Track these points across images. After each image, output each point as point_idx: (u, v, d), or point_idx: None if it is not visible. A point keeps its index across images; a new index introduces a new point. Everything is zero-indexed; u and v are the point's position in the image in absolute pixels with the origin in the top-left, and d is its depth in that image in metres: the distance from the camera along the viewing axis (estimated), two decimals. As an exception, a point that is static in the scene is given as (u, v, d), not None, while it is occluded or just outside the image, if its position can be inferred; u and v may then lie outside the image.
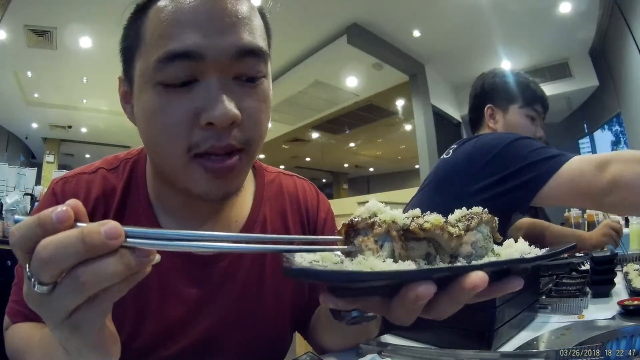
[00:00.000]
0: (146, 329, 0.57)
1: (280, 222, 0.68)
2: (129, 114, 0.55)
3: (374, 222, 0.33)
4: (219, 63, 0.46)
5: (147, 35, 0.47)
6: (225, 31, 0.46)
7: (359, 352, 0.63)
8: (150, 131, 0.49)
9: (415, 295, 0.28)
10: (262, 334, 0.64)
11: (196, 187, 0.49)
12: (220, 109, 0.45)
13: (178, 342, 0.58)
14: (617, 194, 0.76)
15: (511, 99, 1.17)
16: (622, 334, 0.60)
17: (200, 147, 0.47)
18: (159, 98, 0.46)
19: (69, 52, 4.76)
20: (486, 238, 0.35)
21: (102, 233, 0.27)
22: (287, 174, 0.74)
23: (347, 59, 5.08)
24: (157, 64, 0.45)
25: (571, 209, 2.17)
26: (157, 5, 0.47)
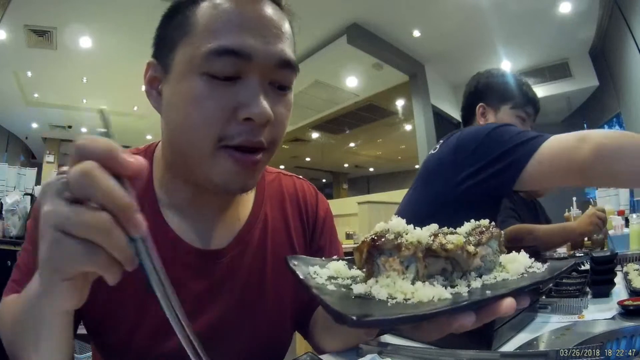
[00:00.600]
0: (147, 322, 0.57)
1: (281, 220, 0.69)
2: (153, 99, 0.56)
3: (400, 244, 0.33)
4: (262, 66, 0.50)
5: (198, 27, 0.50)
6: (271, 41, 0.50)
7: (359, 352, 0.63)
8: (187, 117, 0.50)
9: (459, 325, 0.31)
10: (263, 331, 0.64)
11: (220, 176, 0.51)
12: (260, 107, 0.48)
13: (177, 339, 0.58)
14: (601, 163, 0.75)
15: (503, 99, 1.20)
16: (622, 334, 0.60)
17: (234, 140, 0.49)
18: (203, 86, 0.49)
19: (69, 52, 4.76)
20: (495, 252, 0.38)
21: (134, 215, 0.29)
22: (287, 174, 0.75)
23: (347, 59, 5.09)
24: (208, 55, 0.48)
25: (571, 209, 2.17)
26: (207, 2, 0.50)
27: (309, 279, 0.35)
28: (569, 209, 2.21)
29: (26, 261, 0.56)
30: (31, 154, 8.64)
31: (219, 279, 0.61)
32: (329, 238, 0.74)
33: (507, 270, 0.37)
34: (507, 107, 1.20)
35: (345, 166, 11.18)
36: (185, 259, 0.59)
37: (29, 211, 2.71)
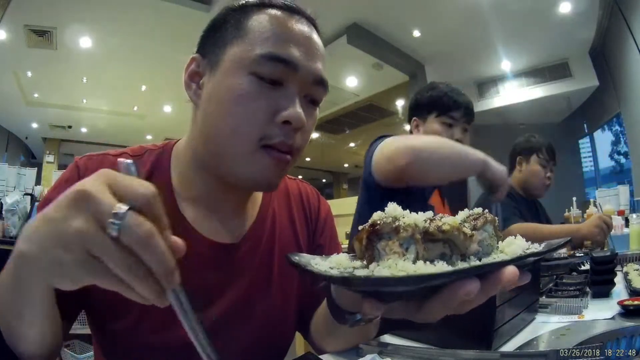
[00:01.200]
0: (155, 312, 0.57)
1: (288, 218, 0.72)
2: (192, 92, 0.59)
3: (398, 227, 0.33)
4: (303, 78, 0.55)
5: (252, 32, 0.55)
6: (314, 59, 0.57)
7: (359, 352, 0.63)
8: (231, 111, 0.54)
9: (466, 292, 0.31)
10: (267, 326, 0.65)
11: (255, 171, 0.55)
12: (298, 112, 0.54)
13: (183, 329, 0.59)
14: (412, 173, 0.97)
15: (429, 110, 1.34)
16: (622, 334, 0.60)
17: (272, 140, 0.54)
18: (249, 85, 0.53)
19: (69, 52, 4.76)
20: (491, 236, 0.38)
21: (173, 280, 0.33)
22: (291, 178, 0.79)
23: (347, 59, 5.08)
24: (260, 57, 0.53)
25: (571, 209, 2.18)
26: (267, 12, 0.56)
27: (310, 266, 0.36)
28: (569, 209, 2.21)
29: None
30: (31, 154, 8.64)
31: (229, 272, 0.62)
32: (330, 237, 0.77)
33: (506, 253, 0.38)
34: (432, 117, 1.33)
35: (345, 166, 11.18)
36: (198, 250, 0.60)
37: (29, 211, 2.71)
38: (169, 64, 4.43)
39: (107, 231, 0.30)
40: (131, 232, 0.30)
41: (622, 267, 1.14)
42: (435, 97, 1.33)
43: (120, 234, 0.30)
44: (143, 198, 0.31)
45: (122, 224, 0.30)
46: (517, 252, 0.38)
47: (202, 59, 0.58)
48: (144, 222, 0.30)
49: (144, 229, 0.30)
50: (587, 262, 1.18)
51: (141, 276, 0.31)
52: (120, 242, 0.30)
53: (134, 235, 0.30)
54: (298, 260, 0.38)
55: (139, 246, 0.30)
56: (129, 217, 0.30)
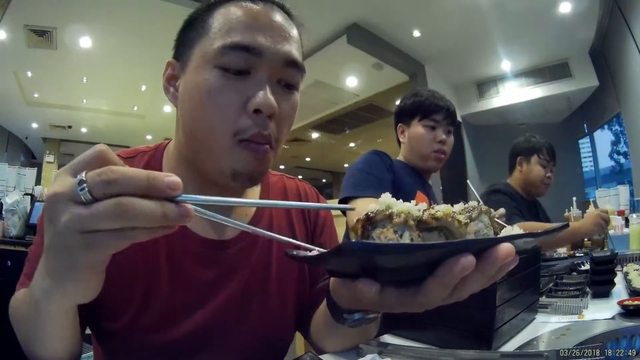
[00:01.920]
0: (152, 311, 0.58)
1: (285, 217, 0.72)
2: (171, 95, 0.60)
3: (391, 214, 0.34)
4: (270, 63, 0.54)
5: (214, 27, 0.55)
6: (279, 41, 0.55)
7: (359, 352, 0.63)
8: (202, 108, 0.54)
9: (461, 267, 0.30)
10: (266, 325, 0.65)
11: (235, 166, 0.55)
12: (267, 98, 0.53)
13: (182, 327, 0.59)
14: None
15: (412, 115, 1.42)
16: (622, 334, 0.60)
17: (247, 133, 0.53)
18: (215, 79, 0.53)
19: (69, 52, 4.75)
20: (487, 227, 0.38)
21: (164, 181, 0.31)
22: (290, 177, 0.79)
23: (347, 59, 5.08)
24: (222, 49, 0.53)
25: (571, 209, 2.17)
26: (225, 8, 0.56)
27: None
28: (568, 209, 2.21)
29: (36, 256, 0.57)
30: (31, 154, 8.63)
31: (225, 270, 0.62)
32: (329, 237, 0.77)
33: None
34: (415, 121, 1.41)
35: (345, 166, 11.15)
36: (192, 248, 0.60)
37: (29, 211, 2.71)
38: (169, 64, 4.41)
39: (81, 199, 0.31)
40: (97, 180, 0.30)
41: (622, 267, 1.14)
42: (418, 102, 1.41)
43: (91, 192, 0.30)
44: (93, 157, 0.33)
45: (87, 184, 0.30)
46: None
47: (176, 62, 0.60)
48: (103, 169, 0.31)
49: (105, 171, 0.31)
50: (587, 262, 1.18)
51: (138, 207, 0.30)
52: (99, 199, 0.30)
53: (101, 179, 0.30)
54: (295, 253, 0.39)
55: (112, 183, 0.30)
56: (89, 175, 0.31)
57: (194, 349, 0.60)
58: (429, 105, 1.38)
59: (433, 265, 0.32)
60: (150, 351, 0.58)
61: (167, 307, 0.59)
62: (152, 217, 0.30)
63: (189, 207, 0.32)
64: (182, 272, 0.60)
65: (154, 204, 0.30)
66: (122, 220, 0.30)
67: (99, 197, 0.30)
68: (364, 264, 0.33)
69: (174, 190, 0.31)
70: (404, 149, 1.47)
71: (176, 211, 0.31)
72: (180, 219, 0.31)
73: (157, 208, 0.30)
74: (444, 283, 0.32)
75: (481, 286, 0.35)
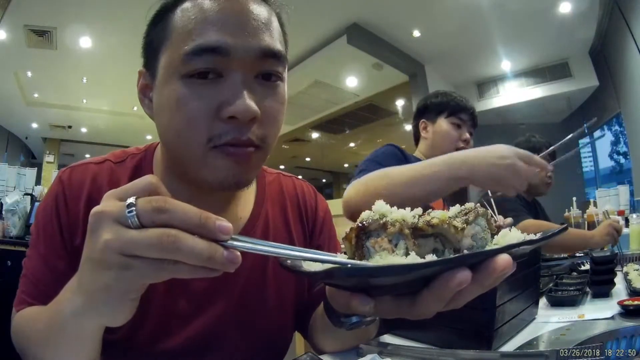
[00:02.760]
0: (150, 320, 0.57)
1: (282, 219, 0.70)
2: (146, 106, 0.57)
3: (386, 223, 0.33)
4: (243, 61, 0.48)
5: (175, 31, 0.50)
6: (250, 33, 0.49)
7: (359, 352, 0.63)
8: (172, 120, 0.50)
9: (457, 282, 0.30)
10: (264, 329, 0.64)
11: (215, 174, 0.50)
12: (242, 104, 0.47)
13: (180, 335, 0.59)
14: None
15: (439, 111, 1.44)
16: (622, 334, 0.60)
17: (222, 139, 0.48)
18: (184, 89, 0.48)
19: (69, 52, 4.75)
20: (484, 230, 0.37)
21: (216, 224, 0.30)
22: (287, 175, 0.76)
23: (347, 59, 5.08)
24: (185, 56, 0.47)
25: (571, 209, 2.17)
26: (185, 5, 0.50)
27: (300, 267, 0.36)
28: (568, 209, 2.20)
29: (33, 270, 0.56)
30: (31, 154, 8.64)
31: (222, 278, 0.61)
32: (328, 237, 0.75)
33: (501, 245, 0.36)
34: (442, 117, 1.42)
35: (345, 166, 11.17)
36: None
37: (29, 211, 2.71)
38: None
39: (128, 223, 0.31)
40: (148, 207, 0.30)
41: (622, 267, 1.14)
42: (447, 100, 1.43)
43: (139, 217, 0.30)
44: (144, 186, 0.33)
45: (137, 208, 0.30)
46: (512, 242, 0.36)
47: (146, 72, 0.56)
48: (155, 197, 0.31)
49: (157, 199, 0.31)
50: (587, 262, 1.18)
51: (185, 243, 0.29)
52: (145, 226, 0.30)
53: (152, 206, 0.30)
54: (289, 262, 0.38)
55: (163, 213, 0.30)
56: (140, 201, 0.31)
57: (193, 357, 0.59)
58: (457, 104, 1.41)
59: (428, 278, 0.32)
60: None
61: (165, 316, 0.58)
62: (198, 256, 0.30)
63: (237, 254, 0.31)
64: (179, 281, 0.58)
65: (202, 243, 0.30)
66: (166, 252, 0.30)
67: (147, 224, 0.30)
68: (356, 284, 0.33)
69: (225, 234, 0.30)
70: (424, 144, 1.48)
71: (225, 255, 0.30)
72: (227, 264, 0.31)
73: (205, 248, 0.30)
74: (439, 296, 0.32)
75: (477, 294, 0.34)
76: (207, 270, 0.31)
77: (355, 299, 0.33)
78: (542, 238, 0.36)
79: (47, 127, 7.33)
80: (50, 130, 7.52)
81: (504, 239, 0.37)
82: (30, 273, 0.56)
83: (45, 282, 0.54)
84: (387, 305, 0.35)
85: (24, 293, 0.56)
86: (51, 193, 0.59)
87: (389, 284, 0.32)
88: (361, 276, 0.30)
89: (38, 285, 0.55)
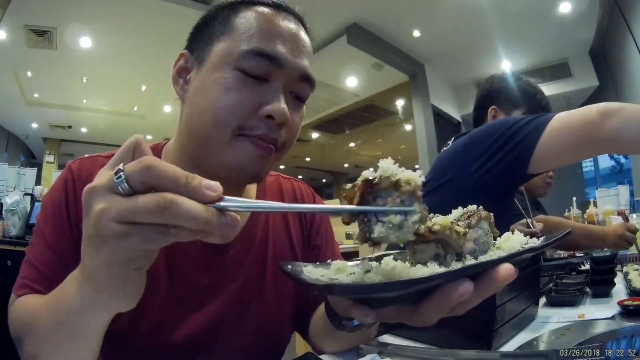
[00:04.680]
0: (150, 314, 0.58)
1: (281, 219, 0.72)
2: (179, 86, 0.60)
3: (399, 181, 0.30)
4: (288, 75, 0.55)
5: (239, 28, 0.55)
6: (299, 55, 0.57)
7: (359, 352, 0.63)
8: (215, 102, 0.53)
9: (459, 294, 0.30)
10: (262, 326, 0.65)
11: (239, 157, 0.54)
12: (281, 107, 0.54)
13: (180, 330, 0.59)
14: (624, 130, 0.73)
15: (516, 104, 1.22)
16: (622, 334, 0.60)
17: (253, 131, 0.54)
18: (235, 79, 0.53)
19: (69, 52, 4.75)
20: (487, 234, 0.37)
21: (202, 183, 0.30)
22: (285, 177, 0.79)
23: (347, 59, 5.08)
24: (246, 53, 0.53)
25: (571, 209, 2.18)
26: (255, 9, 0.57)
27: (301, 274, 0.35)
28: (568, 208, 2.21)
29: (37, 255, 0.56)
30: (31, 154, 8.63)
31: (223, 273, 0.62)
32: (326, 237, 0.76)
33: (503, 249, 0.36)
34: (519, 113, 1.20)
35: (345, 166, 11.17)
36: (191, 252, 0.60)
37: (29, 211, 2.71)
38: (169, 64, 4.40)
39: (118, 189, 0.30)
40: (134, 169, 0.30)
41: (622, 267, 1.14)
42: (528, 94, 1.22)
43: (128, 179, 0.30)
44: (128, 147, 0.33)
45: (125, 172, 0.30)
46: (515, 247, 0.36)
47: (190, 55, 0.59)
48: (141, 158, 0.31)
49: (142, 159, 0.30)
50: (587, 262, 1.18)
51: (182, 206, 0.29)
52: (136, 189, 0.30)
53: (139, 167, 0.30)
54: (290, 267, 0.37)
55: (149, 171, 0.30)
56: (127, 166, 0.30)
57: (192, 351, 0.60)
58: (539, 102, 1.22)
59: (430, 289, 0.31)
60: (150, 353, 0.58)
61: (165, 310, 0.58)
62: (195, 218, 0.29)
63: (236, 218, 0.30)
64: (181, 275, 0.60)
65: (199, 206, 0.29)
66: (165, 217, 0.29)
67: (136, 186, 0.30)
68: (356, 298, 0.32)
69: (212, 192, 0.30)
70: None
71: (221, 220, 0.30)
72: (225, 228, 0.30)
73: (202, 211, 0.29)
74: (441, 306, 0.32)
75: (479, 302, 0.34)
76: (208, 233, 0.30)
77: (357, 310, 0.33)
78: (544, 245, 0.36)
79: (47, 127, 7.33)
80: (50, 130, 7.52)
81: (506, 243, 0.37)
82: (34, 257, 0.56)
83: (49, 266, 0.54)
84: (389, 312, 0.35)
85: (26, 278, 0.55)
86: (60, 182, 0.59)
87: (389, 297, 0.31)
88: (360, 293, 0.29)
89: (41, 269, 0.54)
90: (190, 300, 0.60)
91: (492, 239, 0.37)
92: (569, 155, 0.82)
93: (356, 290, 0.29)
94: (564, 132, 0.79)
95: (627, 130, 0.73)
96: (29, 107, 6.40)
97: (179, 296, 0.59)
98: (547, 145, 0.80)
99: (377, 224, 0.30)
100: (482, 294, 0.32)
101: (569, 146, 0.79)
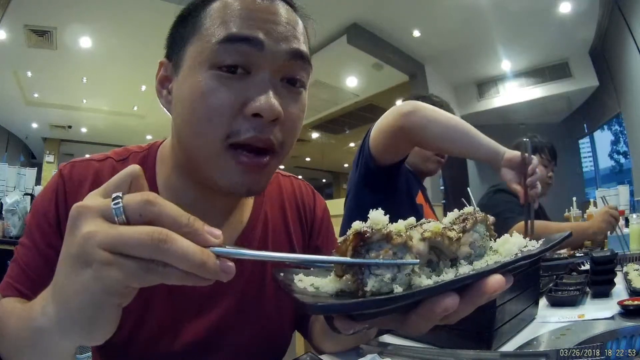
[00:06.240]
0: (149, 324, 0.57)
1: (281, 219, 0.70)
2: (164, 98, 0.56)
3: (390, 233, 0.30)
4: (273, 59, 0.48)
5: (207, 23, 0.49)
6: (282, 34, 0.49)
7: (359, 352, 0.63)
8: (193, 112, 0.49)
9: (443, 309, 0.29)
10: (262, 330, 0.65)
11: (225, 178, 0.49)
12: (268, 101, 0.47)
13: (179, 338, 0.59)
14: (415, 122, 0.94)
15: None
16: (622, 334, 0.60)
17: (241, 136, 0.47)
18: (210, 81, 0.47)
19: (69, 52, 4.76)
20: (483, 237, 0.36)
21: (204, 227, 0.29)
22: (285, 175, 0.76)
23: (347, 59, 5.08)
24: (217, 45, 0.47)
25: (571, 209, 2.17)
26: (222, 1, 0.50)
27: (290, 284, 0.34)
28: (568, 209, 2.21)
29: (24, 256, 0.55)
30: (31, 154, 8.63)
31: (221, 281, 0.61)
32: (326, 237, 0.75)
33: (500, 253, 0.35)
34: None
35: (345, 166, 11.16)
36: None
37: (28, 211, 2.71)
38: (169, 64, 4.42)
39: (113, 217, 0.28)
40: (135, 202, 0.28)
41: (622, 267, 1.14)
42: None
43: (126, 210, 0.28)
44: (126, 176, 0.31)
45: (124, 201, 0.28)
46: (513, 251, 0.35)
47: (169, 63, 0.55)
48: (144, 192, 0.29)
49: (147, 194, 0.29)
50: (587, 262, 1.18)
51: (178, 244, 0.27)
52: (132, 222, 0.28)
53: (139, 201, 0.28)
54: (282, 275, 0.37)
55: (152, 207, 0.28)
56: (127, 195, 0.29)
57: (194, 358, 0.59)
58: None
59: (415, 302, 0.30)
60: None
61: (164, 320, 0.58)
62: (190, 260, 0.27)
63: (231, 265, 0.29)
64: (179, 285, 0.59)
65: (196, 247, 0.27)
66: (157, 252, 0.27)
67: (133, 218, 0.28)
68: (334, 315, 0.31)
69: (214, 238, 0.29)
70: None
71: (217, 264, 0.28)
72: (220, 274, 0.28)
73: (198, 252, 0.27)
74: (427, 319, 0.31)
75: (471, 312, 0.33)
76: (198, 278, 0.28)
77: (339, 323, 0.32)
78: (541, 250, 0.35)
79: (47, 127, 7.33)
80: (50, 130, 7.52)
81: (504, 246, 0.36)
82: (21, 258, 0.55)
83: (35, 268, 0.53)
84: (379, 322, 0.34)
85: (11, 277, 0.54)
86: (50, 187, 0.58)
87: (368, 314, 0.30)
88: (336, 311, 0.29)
89: (26, 270, 0.53)
90: (189, 310, 0.59)
91: (489, 242, 0.36)
92: (390, 148, 1.04)
93: (334, 308, 0.29)
94: (378, 132, 1.03)
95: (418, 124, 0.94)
96: (29, 107, 6.40)
97: (178, 306, 0.58)
98: (373, 143, 1.05)
99: (370, 277, 0.29)
100: (472, 304, 0.31)
101: (385, 139, 1.02)
